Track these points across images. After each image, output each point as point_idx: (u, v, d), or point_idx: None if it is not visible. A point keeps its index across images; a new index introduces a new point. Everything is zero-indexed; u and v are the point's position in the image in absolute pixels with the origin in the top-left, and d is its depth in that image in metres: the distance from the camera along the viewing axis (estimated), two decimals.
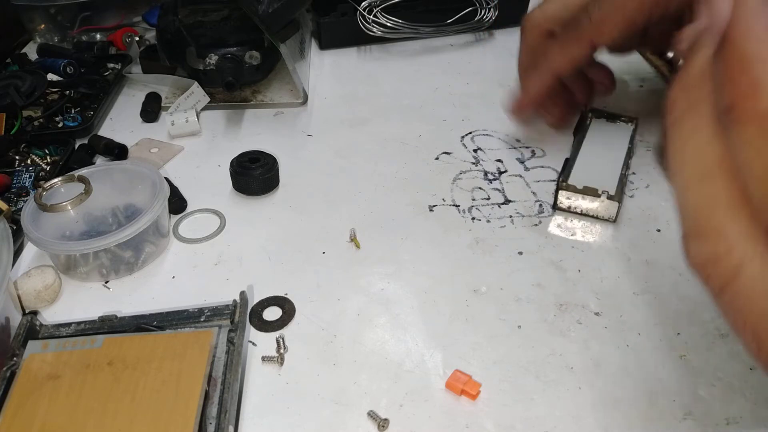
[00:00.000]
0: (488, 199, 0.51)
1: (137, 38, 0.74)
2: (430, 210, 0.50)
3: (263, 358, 0.38)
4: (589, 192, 0.47)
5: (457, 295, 0.42)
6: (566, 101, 0.55)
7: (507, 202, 0.50)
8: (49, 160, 0.56)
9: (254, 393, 0.36)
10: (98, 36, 0.76)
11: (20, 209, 0.46)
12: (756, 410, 0.35)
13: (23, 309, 0.42)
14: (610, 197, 0.47)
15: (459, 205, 0.50)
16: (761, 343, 0.18)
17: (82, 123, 0.60)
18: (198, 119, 0.59)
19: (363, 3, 0.70)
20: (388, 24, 0.70)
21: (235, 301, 0.40)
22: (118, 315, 0.40)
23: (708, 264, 0.19)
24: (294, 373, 0.37)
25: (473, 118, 0.61)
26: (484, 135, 0.59)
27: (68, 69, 0.66)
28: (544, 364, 0.38)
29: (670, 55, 0.69)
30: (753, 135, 0.17)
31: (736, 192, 0.18)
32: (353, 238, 0.47)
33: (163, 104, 0.63)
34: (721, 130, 0.18)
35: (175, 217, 0.50)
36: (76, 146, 0.58)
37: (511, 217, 0.49)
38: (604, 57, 0.56)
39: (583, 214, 0.48)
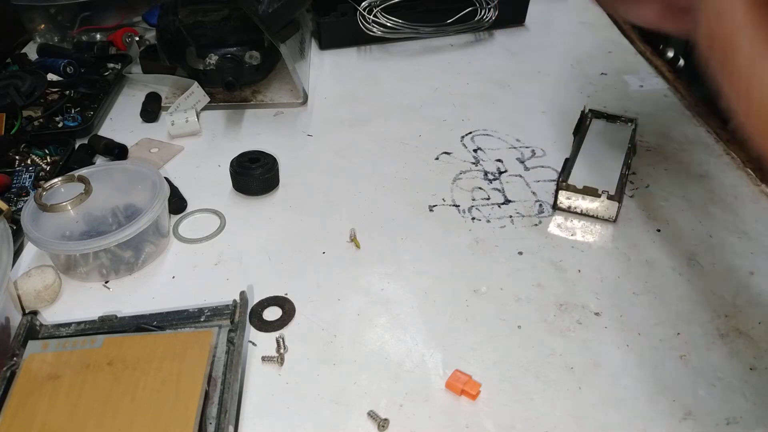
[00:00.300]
0: (488, 199, 0.51)
1: (137, 38, 0.74)
2: (430, 210, 0.50)
3: (263, 358, 0.38)
4: (589, 192, 0.47)
5: (457, 295, 0.42)
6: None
7: (507, 202, 0.50)
8: (49, 160, 0.56)
9: (254, 393, 0.36)
10: (98, 36, 0.76)
11: (20, 209, 0.46)
12: (756, 410, 0.35)
13: (23, 309, 0.42)
14: (610, 197, 0.47)
15: (459, 205, 0.50)
16: (751, 115, 0.21)
17: (82, 123, 0.60)
18: (198, 119, 0.59)
19: (363, 3, 0.70)
20: (388, 24, 0.70)
21: (235, 301, 0.40)
22: (118, 315, 0.40)
23: (714, 32, 0.22)
24: (294, 373, 0.37)
25: (473, 118, 0.61)
26: (484, 135, 0.59)
27: (68, 69, 0.66)
28: (544, 364, 0.38)
29: (670, 55, 0.70)
30: None
31: None
32: (353, 238, 0.47)
33: (163, 104, 0.63)
34: None
35: (175, 217, 0.50)
36: (76, 146, 0.58)
37: (511, 217, 0.49)
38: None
39: (583, 214, 0.48)
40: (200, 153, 0.58)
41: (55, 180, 0.47)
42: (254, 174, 0.50)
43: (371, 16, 0.70)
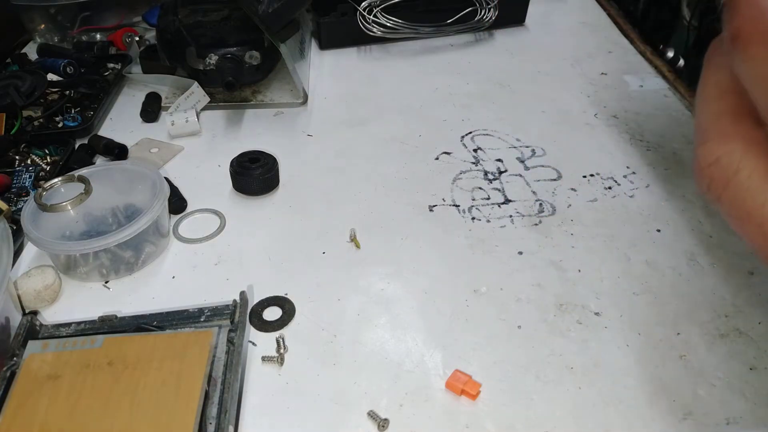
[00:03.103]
0: (488, 199, 0.51)
1: (137, 38, 0.74)
2: (430, 210, 0.50)
3: (263, 358, 0.38)
4: None
5: (457, 295, 0.42)
6: None
7: (507, 201, 0.50)
8: (49, 160, 0.56)
9: (254, 393, 0.36)
10: (98, 36, 0.76)
11: (20, 209, 0.46)
12: (756, 410, 0.35)
13: (23, 309, 0.42)
14: None
15: (459, 205, 0.50)
16: (753, 239, 0.21)
17: (82, 123, 0.60)
18: (198, 119, 0.59)
19: (363, 3, 0.70)
20: (388, 24, 0.70)
21: (235, 301, 0.40)
22: (118, 315, 0.40)
23: (711, 166, 0.22)
24: (294, 373, 0.37)
25: (473, 118, 0.61)
26: (484, 135, 0.59)
27: (68, 69, 0.66)
28: (544, 364, 0.38)
29: (671, 55, 0.69)
30: (754, 52, 0.19)
31: (741, 107, 0.21)
32: (353, 238, 0.47)
33: (163, 104, 0.63)
34: (731, 60, 0.21)
35: (175, 217, 0.50)
36: (76, 146, 0.58)
37: (511, 217, 0.49)
38: None
39: None
40: (200, 153, 0.58)
41: (55, 180, 0.47)
42: (254, 174, 0.50)
43: (371, 16, 0.70)
